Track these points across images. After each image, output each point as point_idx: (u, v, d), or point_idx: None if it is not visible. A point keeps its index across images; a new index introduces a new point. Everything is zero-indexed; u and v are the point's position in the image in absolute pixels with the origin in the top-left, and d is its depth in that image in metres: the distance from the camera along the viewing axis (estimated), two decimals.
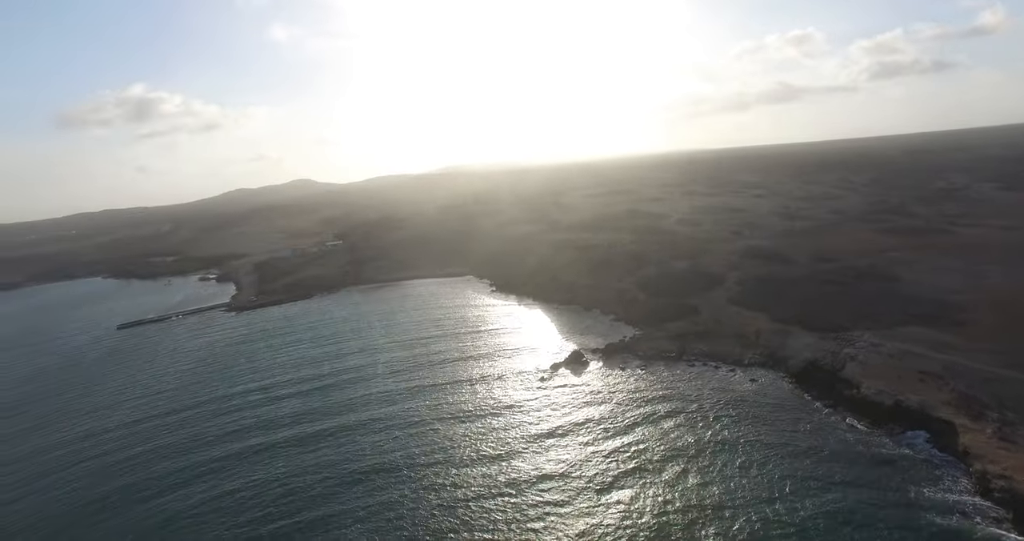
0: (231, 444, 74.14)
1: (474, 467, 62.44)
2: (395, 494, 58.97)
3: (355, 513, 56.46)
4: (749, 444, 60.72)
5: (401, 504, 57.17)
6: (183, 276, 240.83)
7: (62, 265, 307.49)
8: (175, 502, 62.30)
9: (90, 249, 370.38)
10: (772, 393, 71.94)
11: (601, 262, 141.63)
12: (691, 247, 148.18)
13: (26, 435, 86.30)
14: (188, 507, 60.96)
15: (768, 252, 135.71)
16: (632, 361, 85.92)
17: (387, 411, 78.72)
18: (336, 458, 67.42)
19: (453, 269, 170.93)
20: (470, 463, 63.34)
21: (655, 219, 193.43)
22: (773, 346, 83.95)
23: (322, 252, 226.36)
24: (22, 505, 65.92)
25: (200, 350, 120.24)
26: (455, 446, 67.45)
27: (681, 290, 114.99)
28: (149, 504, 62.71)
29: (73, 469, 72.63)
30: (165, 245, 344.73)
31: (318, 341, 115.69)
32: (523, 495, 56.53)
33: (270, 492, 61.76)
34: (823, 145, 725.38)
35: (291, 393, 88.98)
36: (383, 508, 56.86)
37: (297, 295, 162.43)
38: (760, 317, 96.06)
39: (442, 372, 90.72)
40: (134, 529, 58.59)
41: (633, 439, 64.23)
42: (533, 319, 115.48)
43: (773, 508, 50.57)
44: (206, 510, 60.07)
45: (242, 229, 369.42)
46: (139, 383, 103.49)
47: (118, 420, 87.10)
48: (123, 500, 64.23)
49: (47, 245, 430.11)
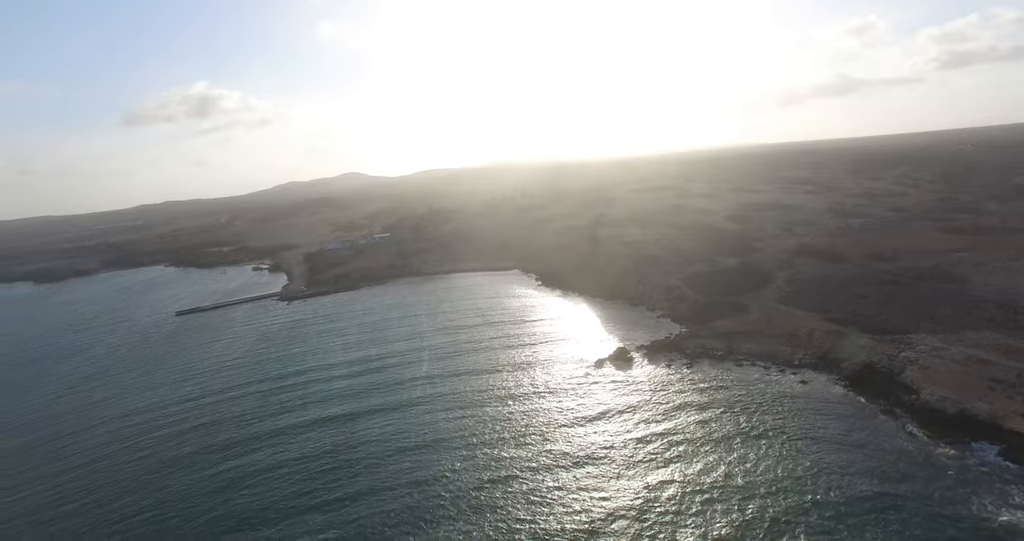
0: (286, 418, 79.49)
1: (516, 450, 64.32)
2: (438, 468, 62.40)
3: (400, 486, 59.62)
4: (797, 446, 59.07)
5: (443, 477, 60.52)
6: (238, 266, 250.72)
7: (129, 254, 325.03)
8: (235, 469, 67.11)
9: (153, 239, 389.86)
10: (824, 396, 69.69)
11: (648, 258, 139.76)
12: (740, 244, 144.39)
13: (108, 403, 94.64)
14: (248, 473, 65.80)
15: (821, 250, 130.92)
16: (678, 359, 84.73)
17: (431, 393, 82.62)
18: (383, 433, 71.53)
19: (499, 262, 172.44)
20: (512, 446, 65.23)
21: (703, 215, 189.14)
22: (825, 347, 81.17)
23: (370, 244, 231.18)
24: (103, 464, 71.87)
25: (254, 335, 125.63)
26: (498, 430, 69.74)
27: (729, 288, 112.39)
28: (211, 470, 67.84)
29: (142, 439, 77.62)
30: (221, 236, 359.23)
31: (366, 329, 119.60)
32: (561, 479, 57.58)
33: (322, 462, 66.23)
34: (883, 139, 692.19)
35: (342, 374, 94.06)
36: (427, 480, 60.21)
37: (345, 286, 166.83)
38: (812, 317, 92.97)
39: (487, 361, 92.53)
40: (198, 490, 63.66)
41: (675, 434, 63.60)
42: (578, 313, 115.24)
43: (823, 516, 48.88)
44: (265, 477, 64.52)
45: (293, 221, 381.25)
46: (200, 363, 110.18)
47: (184, 394, 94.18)
48: (188, 465, 69.82)
49: (116, 235, 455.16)
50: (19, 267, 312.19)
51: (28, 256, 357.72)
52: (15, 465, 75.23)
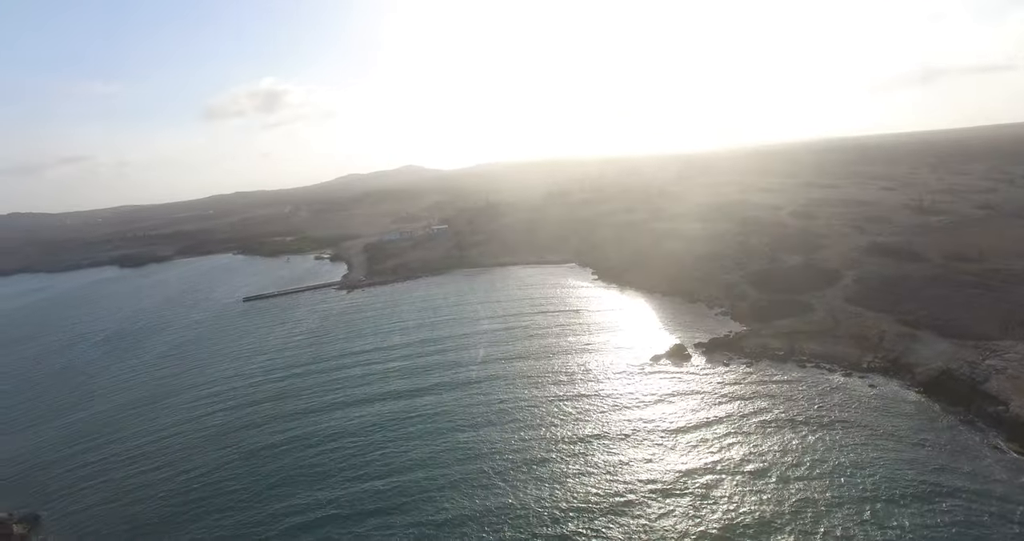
0: (348, 393, 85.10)
1: (565, 441, 64.75)
2: (491, 444, 65.50)
3: (450, 466, 62.06)
4: (862, 455, 55.75)
5: (495, 452, 63.58)
6: (301, 255, 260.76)
7: (201, 241, 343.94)
8: (301, 435, 72.77)
9: (223, 228, 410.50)
10: (894, 402, 65.86)
11: (707, 253, 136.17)
12: (805, 241, 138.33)
13: (193, 371, 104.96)
14: (314, 440, 71.45)
15: (896, 249, 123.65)
16: (737, 358, 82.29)
17: (487, 374, 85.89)
18: (439, 410, 75.51)
19: (556, 256, 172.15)
20: (563, 436, 65.78)
21: (766, 210, 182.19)
22: (898, 351, 76.81)
23: (428, 236, 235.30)
24: (182, 438, 77.35)
25: (317, 320, 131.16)
26: (551, 411, 71.35)
27: (793, 286, 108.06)
28: (283, 435, 73.69)
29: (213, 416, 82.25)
30: (285, 226, 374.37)
31: (424, 315, 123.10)
32: (610, 472, 57.33)
33: (381, 433, 70.87)
34: (969, 132, 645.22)
35: (401, 355, 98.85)
36: (481, 454, 63.49)
37: (403, 276, 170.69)
38: (883, 319, 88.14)
39: (542, 352, 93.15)
40: (268, 451, 69.49)
41: (731, 434, 61.74)
42: (635, 308, 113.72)
43: (892, 536, 45.52)
44: (329, 444, 69.91)
45: (353, 212, 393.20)
46: (269, 341, 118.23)
47: (256, 367, 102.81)
48: (261, 426, 76.62)
49: (190, 224, 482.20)
50: (107, 253, 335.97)
51: (117, 242, 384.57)
52: (122, 419, 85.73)
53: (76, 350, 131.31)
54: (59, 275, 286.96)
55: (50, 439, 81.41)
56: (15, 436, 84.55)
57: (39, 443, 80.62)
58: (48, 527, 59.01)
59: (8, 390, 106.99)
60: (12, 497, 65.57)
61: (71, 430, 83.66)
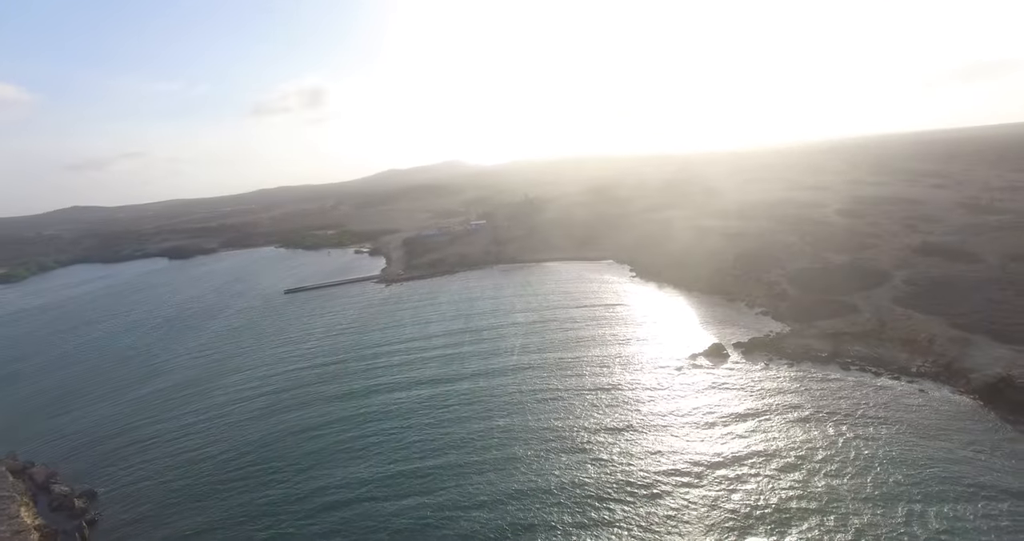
0: (388, 377, 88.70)
1: (599, 430, 65.92)
2: (525, 428, 68.00)
3: (487, 450, 64.26)
4: (911, 466, 53.19)
5: (526, 442, 64.86)
6: (341, 248, 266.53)
7: (245, 234, 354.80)
8: (343, 415, 77.01)
9: (266, 221, 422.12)
10: (946, 409, 63.11)
11: (748, 252, 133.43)
12: (852, 240, 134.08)
13: (244, 355, 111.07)
14: (355, 419, 75.33)
15: (949, 249, 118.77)
16: (777, 358, 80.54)
17: (523, 363, 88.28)
18: (475, 395, 78.37)
19: (594, 252, 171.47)
20: (597, 425, 67.03)
21: (811, 208, 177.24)
22: (950, 356, 73.82)
23: (466, 231, 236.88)
24: (229, 417, 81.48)
25: (356, 312, 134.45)
26: (585, 408, 71.73)
27: (838, 286, 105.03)
28: (318, 418, 77.07)
29: (257, 399, 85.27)
30: (326, 220, 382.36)
31: (461, 308, 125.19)
32: (642, 461, 57.78)
33: (419, 416, 74.18)
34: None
35: (439, 344, 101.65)
36: (515, 438, 66.00)
37: (441, 271, 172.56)
38: (935, 321, 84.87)
39: (578, 345, 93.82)
40: (302, 435, 72.69)
41: (769, 437, 60.37)
42: (673, 306, 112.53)
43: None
44: (370, 422, 74.20)
45: (393, 207, 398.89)
46: (312, 330, 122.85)
47: (297, 354, 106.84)
48: (299, 415, 78.90)
49: (235, 217, 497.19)
50: (157, 245, 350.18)
51: (166, 235, 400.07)
52: (176, 398, 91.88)
53: (137, 333, 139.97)
54: (114, 266, 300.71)
55: (112, 415, 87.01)
56: (85, 410, 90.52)
57: (102, 418, 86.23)
58: (104, 501, 62.50)
59: (81, 370, 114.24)
60: (75, 469, 69.88)
61: (131, 407, 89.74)
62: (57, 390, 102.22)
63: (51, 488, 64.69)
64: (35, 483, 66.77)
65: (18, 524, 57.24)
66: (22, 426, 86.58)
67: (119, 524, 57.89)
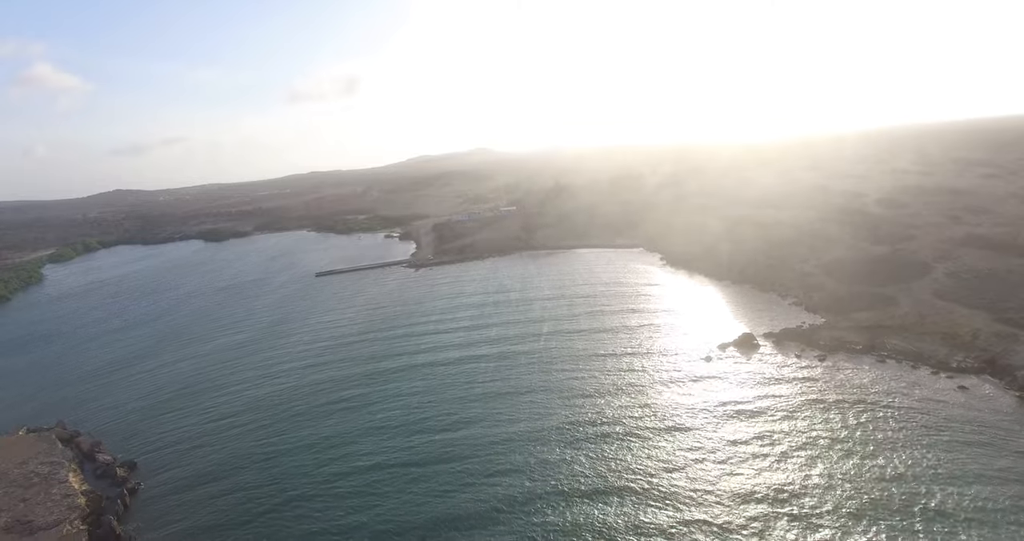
0: (416, 357, 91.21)
1: (625, 410, 66.99)
2: (546, 410, 69.33)
3: (512, 424, 66.48)
4: (950, 466, 51.18)
5: (549, 417, 67.06)
6: (371, 233, 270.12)
7: (278, 218, 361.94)
8: (367, 395, 79.28)
9: (299, 206, 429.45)
10: (989, 406, 60.74)
11: (782, 241, 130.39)
12: (891, 231, 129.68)
13: (267, 339, 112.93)
14: (386, 396, 78.14)
15: (997, 242, 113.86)
16: (809, 350, 78.86)
17: (550, 346, 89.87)
18: (501, 375, 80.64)
19: (624, 240, 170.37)
20: (623, 406, 68.15)
21: (849, 198, 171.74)
22: (994, 351, 71.16)
23: (496, 217, 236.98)
24: (262, 390, 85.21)
25: (386, 295, 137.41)
26: (611, 390, 72.68)
27: (875, 278, 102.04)
28: (348, 391, 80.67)
29: (289, 374, 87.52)
30: (357, 205, 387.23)
31: (490, 293, 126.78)
32: (661, 442, 57.30)
33: (446, 393, 76.30)
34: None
35: (466, 326, 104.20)
36: (537, 417, 67.47)
37: (470, 256, 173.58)
38: (978, 316, 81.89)
39: (605, 331, 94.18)
40: (332, 407, 75.97)
41: (799, 431, 59.13)
42: (703, 295, 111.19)
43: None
44: (400, 399, 76.56)
45: (424, 192, 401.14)
46: (341, 312, 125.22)
47: (329, 334, 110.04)
48: (329, 390, 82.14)
49: (269, 201, 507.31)
50: (194, 228, 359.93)
51: (203, 217, 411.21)
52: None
53: (185, 309, 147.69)
54: (155, 247, 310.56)
55: (153, 388, 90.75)
56: (130, 381, 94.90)
57: (147, 389, 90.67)
58: (144, 472, 65.12)
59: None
60: (117, 438, 73.28)
61: (164, 380, 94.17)
62: (106, 360, 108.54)
63: (95, 456, 67.76)
64: (81, 451, 70.05)
65: (67, 488, 60.32)
66: (71, 396, 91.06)
67: (159, 494, 60.15)
